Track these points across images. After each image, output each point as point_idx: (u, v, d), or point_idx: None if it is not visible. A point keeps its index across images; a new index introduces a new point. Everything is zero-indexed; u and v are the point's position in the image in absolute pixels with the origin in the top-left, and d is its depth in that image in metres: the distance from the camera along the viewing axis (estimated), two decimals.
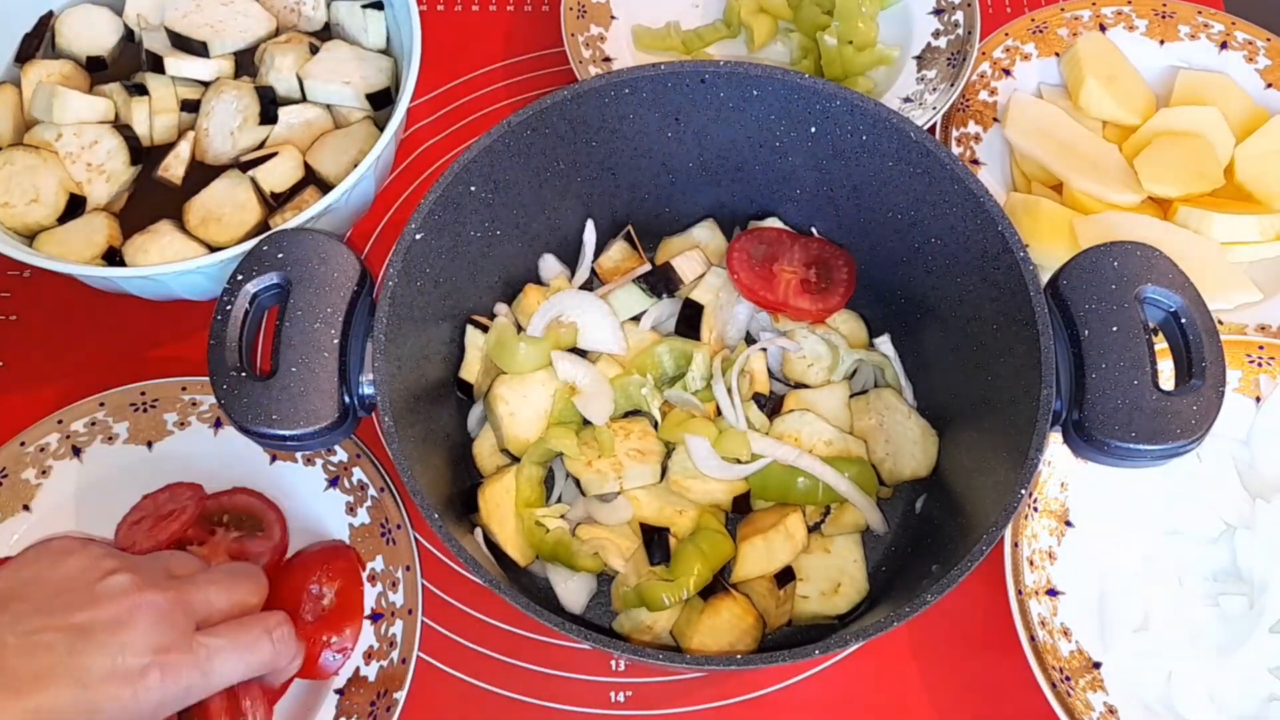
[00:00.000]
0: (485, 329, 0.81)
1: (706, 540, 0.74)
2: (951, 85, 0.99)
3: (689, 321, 0.83)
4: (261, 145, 0.89)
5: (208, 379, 0.65)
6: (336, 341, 0.66)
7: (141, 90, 0.89)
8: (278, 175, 0.86)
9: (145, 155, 0.89)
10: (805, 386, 0.84)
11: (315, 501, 0.83)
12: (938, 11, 1.05)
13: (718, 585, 0.74)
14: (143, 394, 0.86)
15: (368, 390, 0.67)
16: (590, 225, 0.87)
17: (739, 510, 0.80)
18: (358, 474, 0.84)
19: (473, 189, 0.75)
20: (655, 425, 0.80)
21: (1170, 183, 0.96)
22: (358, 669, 0.78)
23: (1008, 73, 1.06)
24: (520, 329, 0.82)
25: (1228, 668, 0.77)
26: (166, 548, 0.79)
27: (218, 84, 0.90)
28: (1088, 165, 0.97)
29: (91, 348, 0.93)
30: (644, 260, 0.88)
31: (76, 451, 0.84)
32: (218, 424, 0.85)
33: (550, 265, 0.87)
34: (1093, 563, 0.82)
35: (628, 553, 0.76)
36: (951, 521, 0.74)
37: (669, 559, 0.75)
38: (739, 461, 0.77)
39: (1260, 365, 0.87)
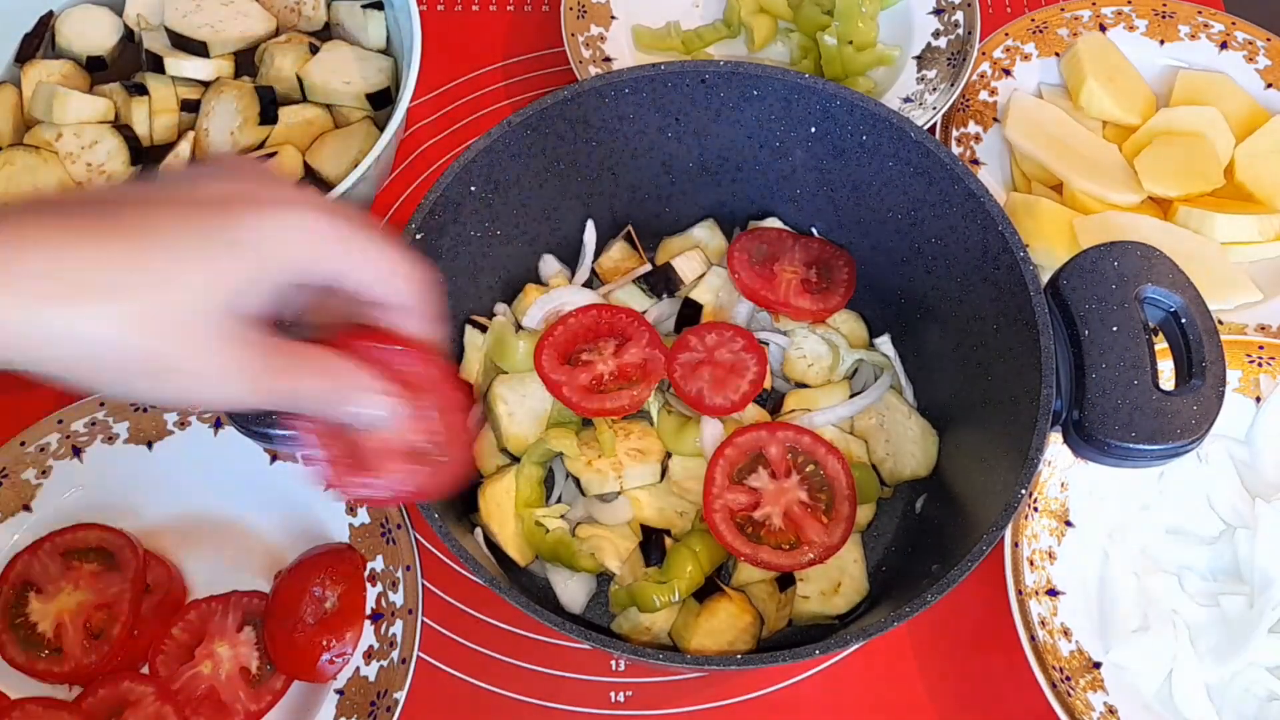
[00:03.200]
0: (484, 329, 0.81)
1: (700, 541, 0.74)
2: (951, 85, 0.99)
3: (689, 321, 0.83)
4: (261, 145, 0.89)
5: None
6: None
7: (141, 90, 0.89)
8: None
9: (145, 155, 0.89)
10: (806, 386, 0.84)
11: (315, 501, 0.83)
12: (938, 11, 1.05)
13: (714, 586, 0.74)
14: None
15: None
16: (590, 225, 0.87)
17: None
18: None
19: (473, 189, 0.75)
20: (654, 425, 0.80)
21: (1170, 183, 0.96)
22: (358, 669, 0.78)
23: (1008, 73, 1.06)
24: (519, 328, 0.82)
25: (1228, 668, 0.77)
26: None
27: (218, 84, 0.90)
28: (1088, 165, 0.97)
29: None
30: (644, 260, 0.88)
31: (76, 451, 0.84)
32: (218, 424, 0.85)
33: (550, 265, 0.87)
34: (1093, 563, 0.82)
35: (625, 553, 0.75)
36: (951, 521, 0.74)
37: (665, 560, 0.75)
38: None
39: (1260, 365, 0.87)
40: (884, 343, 0.85)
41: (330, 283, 0.47)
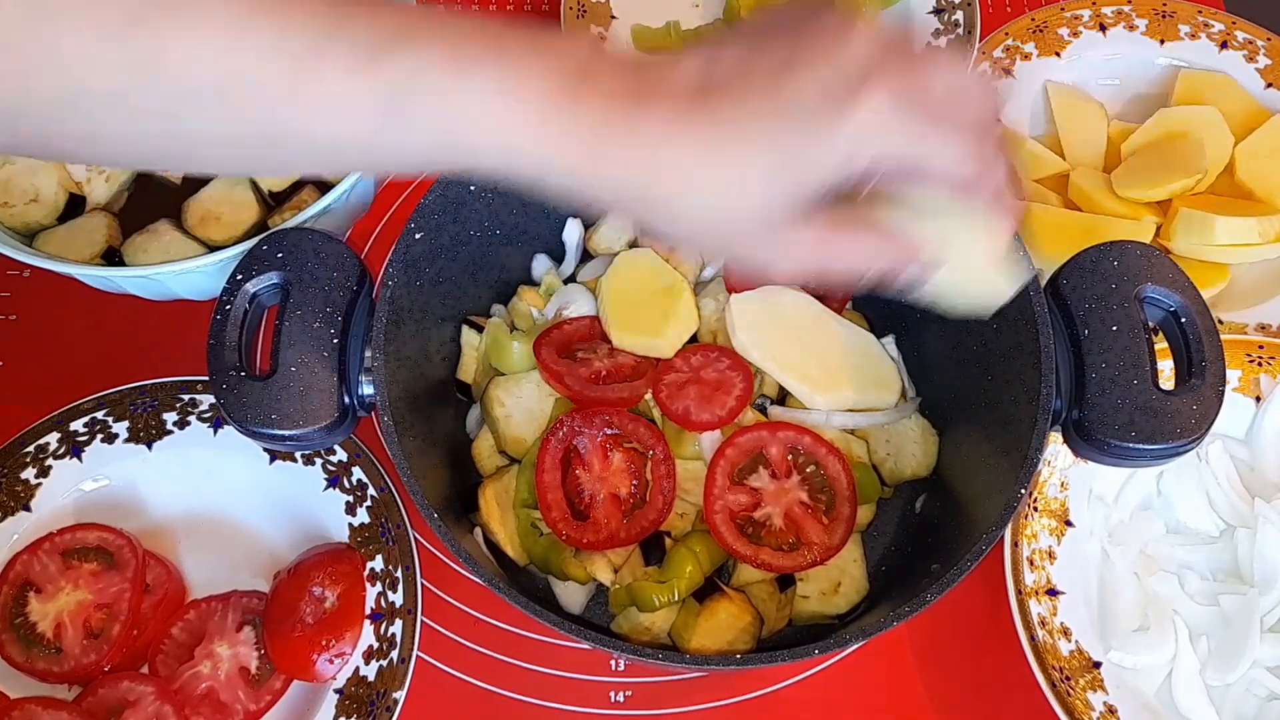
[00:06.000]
0: (480, 329, 0.81)
1: (700, 542, 0.74)
2: None
3: None
4: None
5: (207, 379, 0.65)
6: (336, 341, 0.66)
7: None
8: None
9: None
10: None
11: (315, 501, 0.83)
12: (938, 11, 1.05)
13: (714, 586, 0.74)
14: (143, 394, 0.85)
15: (367, 390, 0.67)
16: (573, 223, 0.84)
17: None
18: (357, 474, 0.83)
19: (472, 189, 0.75)
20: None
21: (1149, 186, 0.95)
22: (357, 669, 0.78)
23: (1008, 72, 1.06)
24: (514, 329, 0.82)
25: (1228, 667, 0.77)
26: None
27: None
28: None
29: (91, 348, 0.92)
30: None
31: (76, 451, 0.84)
32: (217, 424, 0.85)
33: (542, 264, 0.86)
34: (1093, 563, 0.82)
35: (617, 562, 0.75)
36: (951, 521, 0.74)
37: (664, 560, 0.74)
38: None
39: (1260, 365, 0.87)
40: (889, 344, 0.85)
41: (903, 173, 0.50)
